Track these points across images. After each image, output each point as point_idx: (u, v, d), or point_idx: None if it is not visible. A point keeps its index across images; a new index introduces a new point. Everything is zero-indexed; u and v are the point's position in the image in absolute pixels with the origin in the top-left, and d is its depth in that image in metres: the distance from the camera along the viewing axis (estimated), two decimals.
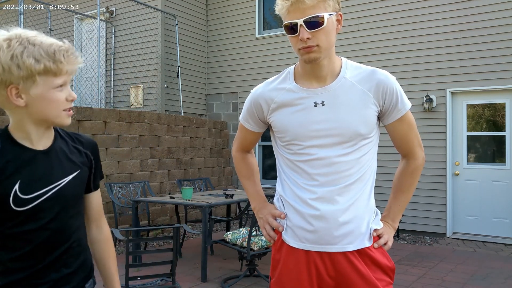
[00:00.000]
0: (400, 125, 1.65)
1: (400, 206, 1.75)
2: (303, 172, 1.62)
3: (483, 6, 6.61)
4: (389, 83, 1.60)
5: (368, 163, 1.63)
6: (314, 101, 1.61)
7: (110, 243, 1.52)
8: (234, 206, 7.95)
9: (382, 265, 1.63)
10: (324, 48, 1.54)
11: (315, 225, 1.58)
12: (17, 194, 1.22)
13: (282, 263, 1.65)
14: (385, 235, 1.67)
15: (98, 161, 1.45)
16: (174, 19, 8.48)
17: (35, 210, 1.25)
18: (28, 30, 1.27)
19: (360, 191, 1.61)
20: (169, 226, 3.59)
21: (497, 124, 6.65)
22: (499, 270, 5.10)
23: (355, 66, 1.65)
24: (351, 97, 1.59)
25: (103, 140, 6.23)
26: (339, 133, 1.58)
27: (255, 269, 4.55)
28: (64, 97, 1.26)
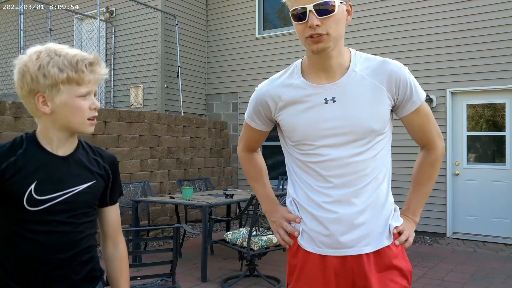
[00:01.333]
0: (416, 117, 1.57)
1: (421, 199, 1.66)
2: (316, 174, 1.53)
3: (483, 6, 6.61)
4: (401, 73, 1.52)
5: (384, 160, 1.55)
6: (325, 97, 1.52)
7: (125, 262, 1.53)
8: (234, 206, 7.95)
9: (401, 267, 1.54)
10: (334, 37, 1.45)
11: (331, 228, 1.51)
12: (32, 194, 1.27)
13: (299, 268, 1.59)
14: (406, 231, 1.59)
15: (116, 177, 1.49)
16: (174, 19, 8.48)
17: (46, 212, 1.29)
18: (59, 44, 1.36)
19: (377, 190, 1.53)
20: (169, 226, 3.59)
21: (497, 124, 6.65)
22: (499, 270, 5.10)
23: (364, 58, 1.56)
24: (363, 91, 1.50)
25: (103, 140, 6.23)
26: (352, 131, 1.49)
27: (255, 269, 4.55)
28: (87, 106, 1.32)
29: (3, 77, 8.97)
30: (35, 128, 1.38)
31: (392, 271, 1.52)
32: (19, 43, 6.92)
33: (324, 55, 1.50)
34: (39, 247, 1.28)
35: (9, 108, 5.16)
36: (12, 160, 1.28)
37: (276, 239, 4.57)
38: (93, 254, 1.40)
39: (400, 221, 1.60)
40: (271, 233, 4.58)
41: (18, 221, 1.28)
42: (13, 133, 5.14)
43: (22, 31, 6.90)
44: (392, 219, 1.57)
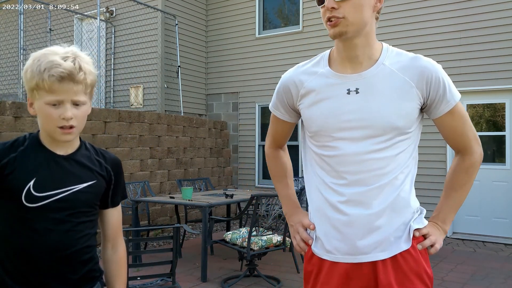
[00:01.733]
0: (450, 119, 1.46)
1: (452, 206, 1.54)
2: (331, 170, 1.46)
3: (483, 6, 6.61)
4: (434, 71, 1.42)
5: (406, 161, 1.45)
6: (348, 88, 1.44)
7: (122, 265, 1.52)
8: (234, 206, 7.95)
9: (421, 273, 1.43)
10: (352, 22, 1.38)
11: (345, 232, 1.43)
12: (30, 190, 1.28)
13: (314, 275, 1.52)
14: (432, 236, 1.47)
15: (119, 179, 1.48)
16: (174, 19, 8.48)
17: (44, 209, 1.29)
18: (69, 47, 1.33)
19: (396, 192, 1.43)
20: (169, 226, 3.59)
21: (497, 124, 6.65)
22: (499, 270, 5.10)
23: (396, 52, 1.48)
24: (390, 86, 1.42)
25: (103, 140, 6.23)
26: (371, 125, 1.41)
27: (255, 269, 4.55)
28: (57, 115, 1.28)
29: (3, 77, 8.97)
30: (35, 128, 1.39)
31: (411, 278, 1.41)
32: (19, 43, 6.91)
33: (348, 44, 1.43)
34: (37, 245, 1.28)
35: (9, 108, 5.16)
36: (12, 156, 1.30)
37: (275, 239, 4.57)
38: (92, 254, 1.39)
39: (423, 224, 1.48)
40: (271, 233, 4.58)
41: (17, 218, 1.29)
42: (13, 133, 5.14)
43: (22, 31, 6.90)
44: (414, 221, 1.46)
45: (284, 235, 4.63)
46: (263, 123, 8.66)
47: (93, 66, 1.35)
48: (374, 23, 1.48)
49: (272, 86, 8.43)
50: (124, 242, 1.54)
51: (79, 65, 1.29)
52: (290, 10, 8.52)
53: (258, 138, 8.64)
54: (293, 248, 4.99)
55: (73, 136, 1.32)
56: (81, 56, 1.32)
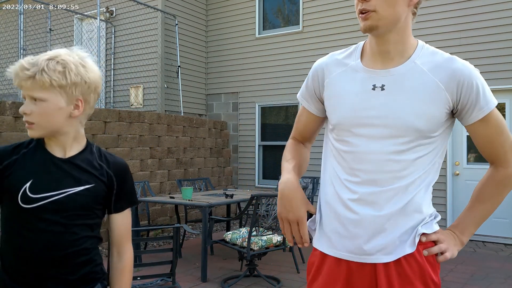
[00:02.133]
0: (484, 127, 1.37)
1: (475, 218, 1.44)
2: (347, 166, 1.42)
3: (483, 6, 6.61)
4: (467, 74, 1.33)
5: (427, 166, 1.38)
6: (374, 83, 1.39)
7: (127, 273, 1.50)
8: (234, 206, 7.95)
9: (426, 279, 1.37)
10: (383, 16, 1.32)
11: (352, 231, 1.39)
12: (26, 191, 1.30)
13: (315, 268, 1.50)
14: (443, 244, 1.39)
15: (124, 185, 1.46)
16: (174, 19, 8.48)
17: (39, 210, 1.30)
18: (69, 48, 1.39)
19: (410, 197, 1.37)
20: (169, 226, 3.59)
21: None
22: (499, 270, 5.10)
23: (431, 51, 1.40)
24: (418, 86, 1.35)
25: (103, 140, 6.23)
26: (392, 125, 1.35)
27: (255, 269, 4.55)
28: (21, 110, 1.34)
29: (3, 77, 8.97)
30: None
31: (415, 284, 1.36)
32: (19, 43, 6.91)
33: (380, 39, 1.38)
34: (33, 245, 1.30)
35: (9, 108, 5.16)
36: (14, 158, 1.34)
37: (275, 239, 4.57)
38: (90, 256, 1.39)
39: (432, 229, 1.40)
40: (271, 233, 4.58)
41: (15, 218, 1.32)
42: (13, 133, 5.14)
43: (22, 31, 6.90)
44: (422, 226, 1.39)
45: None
46: (263, 123, 8.65)
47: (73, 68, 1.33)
48: (410, 19, 1.40)
49: (272, 86, 8.43)
50: (131, 249, 1.52)
51: (37, 61, 1.31)
52: (290, 10, 8.52)
53: (258, 138, 8.64)
54: (293, 246, 4.98)
55: (36, 132, 1.33)
56: (65, 58, 1.33)
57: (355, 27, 7.53)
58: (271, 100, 8.48)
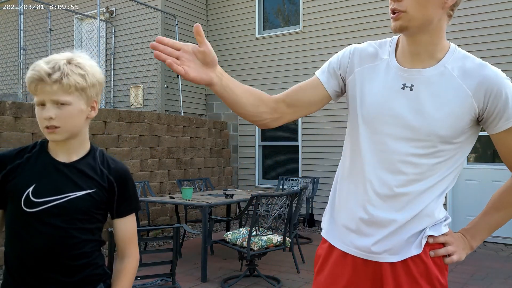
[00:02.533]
0: (509, 138, 1.35)
1: (488, 225, 1.45)
2: (368, 163, 1.39)
3: (483, 6, 6.61)
4: (497, 82, 1.30)
5: (446, 172, 1.37)
6: (404, 83, 1.36)
7: (126, 274, 1.48)
8: (234, 206, 7.95)
9: (432, 280, 1.37)
10: (414, 17, 1.29)
11: (364, 230, 1.40)
12: (29, 196, 1.33)
13: (322, 261, 1.51)
14: (451, 246, 1.39)
15: (125, 190, 1.47)
16: (174, 19, 8.48)
17: (41, 214, 1.32)
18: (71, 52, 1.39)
19: (427, 203, 1.36)
20: (169, 226, 3.59)
21: None
22: (499, 270, 5.10)
23: (462, 55, 1.38)
24: (445, 91, 1.32)
25: (103, 140, 6.23)
26: (414, 127, 1.33)
27: (255, 269, 4.55)
28: (42, 115, 1.33)
29: (3, 77, 8.97)
30: (35, 128, 1.42)
31: (422, 284, 1.36)
32: (19, 43, 6.91)
33: (411, 39, 1.36)
34: (34, 248, 1.32)
35: (9, 108, 5.16)
36: (17, 162, 1.36)
37: (275, 239, 4.57)
38: (91, 259, 1.40)
39: (440, 231, 1.40)
40: (271, 233, 4.58)
41: (18, 222, 1.33)
42: (13, 133, 5.14)
43: (22, 31, 6.90)
44: (430, 227, 1.39)
45: (284, 235, 4.63)
46: None
47: (89, 71, 1.36)
48: (445, 21, 1.37)
49: (272, 86, 8.43)
50: (137, 253, 1.51)
51: (59, 66, 1.31)
52: (290, 10, 8.52)
53: (258, 138, 8.63)
54: (293, 246, 4.99)
55: (60, 136, 1.34)
56: (77, 60, 1.35)
57: (355, 27, 7.53)
58: None
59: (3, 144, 5.00)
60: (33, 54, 8.50)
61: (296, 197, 4.83)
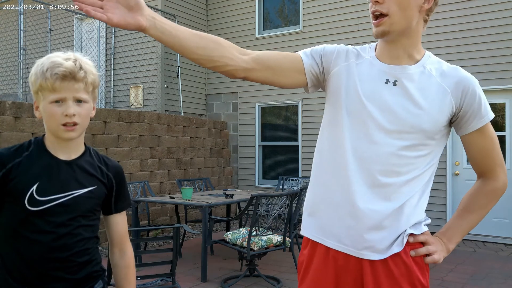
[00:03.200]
0: (479, 138, 1.42)
1: (463, 227, 1.48)
2: (350, 155, 1.40)
3: (483, 6, 6.61)
4: (472, 83, 1.39)
5: (426, 167, 1.41)
6: (387, 78, 1.41)
7: (131, 270, 1.55)
8: (234, 206, 7.95)
9: (413, 280, 1.37)
10: (395, 21, 1.35)
11: (346, 221, 1.40)
12: (33, 194, 1.32)
13: (304, 267, 1.51)
14: (431, 246, 1.42)
15: (121, 186, 1.51)
16: (174, 19, 8.47)
17: (46, 212, 1.33)
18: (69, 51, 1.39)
19: (408, 197, 1.39)
20: (169, 226, 3.59)
21: (497, 124, 6.65)
22: (499, 270, 5.10)
23: (437, 60, 1.46)
24: (428, 87, 1.39)
25: (103, 140, 6.23)
26: (399, 121, 1.37)
27: (255, 269, 4.55)
28: (60, 112, 1.32)
29: (3, 77, 8.97)
30: (35, 128, 1.41)
31: (402, 285, 1.37)
32: (19, 43, 6.91)
33: (390, 44, 1.42)
34: (38, 246, 1.32)
35: (9, 108, 5.16)
36: (17, 161, 1.34)
37: (275, 239, 4.57)
38: (91, 256, 1.43)
39: (420, 230, 1.42)
40: (271, 233, 4.58)
41: (19, 220, 1.33)
42: (13, 133, 5.14)
43: (22, 31, 6.90)
44: (412, 227, 1.40)
45: (284, 235, 4.63)
46: (263, 123, 8.66)
47: (94, 68, 1.40)
48: (421, 25, 1.44)
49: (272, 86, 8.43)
50: (131, 246, 1.57)
51: (79, 64, 1.34)
52: (290, 10, 8.52)
53: (258, 138, 8.64)
54: (293, 246, 4.99)
55: (77, 133, 1.36)
56: (82, 58, 1.38)
57: (355, 27, 7.53)
58: (271, 100, 8.48)
59: (3, 144, 5.00)
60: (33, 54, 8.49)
61: (296, 197, 4.83)
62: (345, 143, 1.42)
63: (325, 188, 1.46)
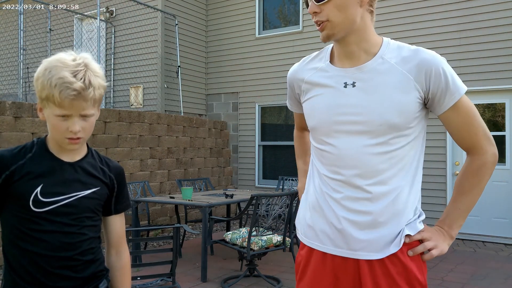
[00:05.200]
0: (455, 114, 1.38)
1: (461, 211, 1.44)
2: (329, 164, 1.43)
3: (483, 6, 6.61)
4: (434, 63, 1.34)
5: (407, 158, 1.39)
6: (345, 81, 1.41)
7: (127, 271, 1.56)
8: (234, 206, 7.95)
9: (411, 279, 1.38)
10: (338, 23, 1.35)
11: (337, 225, 1.41)
12: (38, 196, 1.32)
13: (302, 267, 1.52)
14: (429, 242, 1.40)
15: (122, 187, 1.52)
16: (174, 19, 8.47)
17: (50, 214, 1.34)
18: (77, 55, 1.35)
19: (396, 193, 1.38)
20: (169, 226, 3.59)
21: (497, 124, 6.65)
22: (499, 270, 5.10)
23: (397, 46, 1.42)
24: (388, 80, 1.37)
25: (103, 140, 6.23)
26: (366, 120, 1.37)
27: (255, 269, 4.55)
28: (65, 127, 1.31)
29: (3, 77, 8.97)
30: (35, 128, 1.40)
31: (400, 284, 1.37)
32: (19, 43, 6.91)
33: (341, 43, 1.41)
34: (43, 247, 1.33)
35: (9, 108, 5.16)
36: (21, 163, 1.34)
37: (275, 239, 4.57)
38: (95, 255, 1.44)
39: (416, 229, 1.41)
40: (271, 233, 4.58)
41: (24, 221, 1.33)
42: (13, 133, 5.14)
43: (22, 31, 6.90)
44: (407, 225, 1.39)
45: (284, 235, 4.63)
46: (263, 123, 8.66)
47: (103, 77, 1.37)
48: (368, 17, 1.43)
49: (272, 86, 8.43)
50: (127, 248, 1.57)
51: (89, 81, 1.30)
52: (290, 10, 8.52)
53: (258, 138, 8.64)
54: (293, 246, 4.99)
55: (80, 145, 1.38)
56: (92, 67, 1.33)
57: None
58: (271, 100, 8.48)
59: (3, 144, 5.00)
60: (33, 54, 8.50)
61: (296, 197, 4.83)
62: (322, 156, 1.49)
63: (313, 197, 1.51)
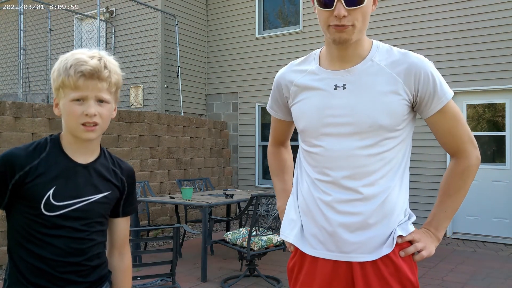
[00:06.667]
0: (442, 119, 1.41)
1: (447, 213, 1.46)
2: (317, 166, 1.45)
3: (483, 6, 6.61)
4: (423, 67, 1.37)
5: (395, 161, 1.41)
6: (335, 83, 1.42)
7: (129, 273, 1.54)
8: (234, 206, 7.95)
9: (403, 280, 1.39)
10: (359, 29, 1.37)
11: (328, 229, 1.42)
12: (50, 199, 1.29)
13: (296, 273, 1.52)
14: (419, 243, 1.42)
15: (132, 190, 1.49)
16: (174, 19, 8.48)
17: (61, 217, 1.31)
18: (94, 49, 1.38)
19: (386, 195, 1.39)
20: (169, 226, 3.59)
21: (497, 124, 6.65)
22: (499, 270, 5.10)
23: (386, 49, 1.44)
24: (377, 82, 1.39)
25: (102, 140, 6.23)
26: (355, 122, 1.38)
27: (255, 269, 4.55)
28: (81, 111, 1.29)
29: (3, 77, 8.97)
30: (35, 128, 1.39)
31: (393, 285, 1.38)
32: (19, 43, 6.91)
33: (344, 46, 1.41)
34: (51, 250, 1.31)
35: (9, 108, 5.16)
36: (35, 163, 1.30)
37: (275, 240, 4.57)
38: (102, 260, 1.42)
39: (407, 230, 1.42)
40: (271, 233, 4.58)
41: (33, 223, 1.30)
42: (13, 133, 5.14)
43: (22, 31, 6.90)
44: (399, 226, 1.41)
45: None
46: (263, 123, 8.66)
47: (119, 69, 1.38)
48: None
49: (272, 86, 8.43)
50: (130, 251, 1.55)
51: (104, 63, 1.32)
52: (290, 10, 8.52)
53: (258, 138, 8.64)
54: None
55: (96, 134, 1.33)
56: (107, 57, 1.36)
57: None
58: None
59: (3, 144, 5.00)
60: (33, 54, 8.50)
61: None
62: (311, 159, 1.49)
63: (303, 201, 1.52)
